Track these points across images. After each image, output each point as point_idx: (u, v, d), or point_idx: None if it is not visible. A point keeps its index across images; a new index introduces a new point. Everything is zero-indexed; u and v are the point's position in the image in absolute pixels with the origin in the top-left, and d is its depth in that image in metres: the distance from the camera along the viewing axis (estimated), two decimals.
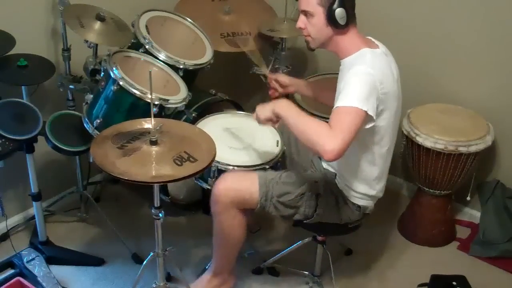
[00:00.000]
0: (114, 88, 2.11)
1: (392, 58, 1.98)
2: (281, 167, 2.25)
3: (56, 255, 2.48)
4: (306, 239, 2.37)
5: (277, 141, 2.27)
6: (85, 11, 2.34)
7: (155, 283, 2.10)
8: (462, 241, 2.72)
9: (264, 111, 1.94)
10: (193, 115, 2.41)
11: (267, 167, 2.15)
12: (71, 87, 2.44)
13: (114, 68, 2.11)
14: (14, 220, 2.65)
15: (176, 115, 2.33)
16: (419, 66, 2.76)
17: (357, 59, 1.86)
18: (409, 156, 2.63)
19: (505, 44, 2.52)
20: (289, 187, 2.03)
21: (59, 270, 2.39)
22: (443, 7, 2.65)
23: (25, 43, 2.30)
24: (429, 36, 2.73)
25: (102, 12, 2.33)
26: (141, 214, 2.84)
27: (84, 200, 2.75)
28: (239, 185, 2.02)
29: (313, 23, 1.88)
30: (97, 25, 2.31)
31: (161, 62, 2.35)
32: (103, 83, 2.18)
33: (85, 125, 2.22)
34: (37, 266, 2.29)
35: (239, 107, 2.70)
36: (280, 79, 2.32)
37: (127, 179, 1.63)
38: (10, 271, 2.29)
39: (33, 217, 2.52)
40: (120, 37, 2.37)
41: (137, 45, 2.38)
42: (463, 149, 2.42)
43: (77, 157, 2.59)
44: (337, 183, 2.07)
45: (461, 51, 2.66)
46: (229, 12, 2.91)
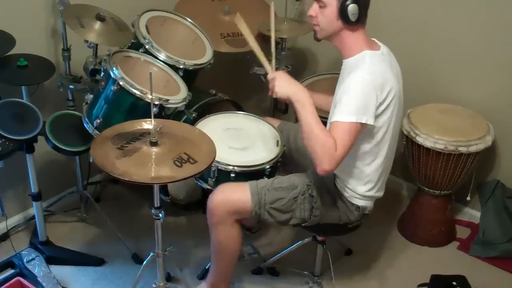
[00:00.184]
0: (114, 88, 2.11)
1: (393, 58, 1.98)
2: (281, 167, 2.25)
3: (56, 255, 2.47)
4: (306, 239, 2.37)
5: (277, 141, 2.27)
6: (85, 11, 2.34)
7: (155, 283, 2.10)
8: (462, 241, 2.72)
9: (282, 91, 1.92)
10: (193, 115, 2.40)
11: (267, 167, 2.15)
12: (71, 87, 2.44)
13: (114, 68, 2.11)
14: (14, 220, 2.65)
15: (176, 115, 2.33)
16: (419, 66, 2.76)
17: (358, 61, 1.87)
18: (409, 156, 2.63)
19: (505, 44, 2.52)
20: (281, 192, 2.04)
21: (59, 270, 2.39)
22: (443, 8, 2.65)
23: (25, 43, 2.30)
24: (429, 36, 2.73)
25: (102, 12, 2.33)
26: (141, 214, 2.84)
27: (84, 200, 2.75)
28: (232, 195, 2.04)
29: (324, 14, 1.88)
30: (97, 25, 2.31)
31: (161, 62, 2.35)
32: (103, 83, 2.18)
33: (85, 125, 2.22)
34: (37, 266, 2.29)
35: (239, 107, 2.70)
36: None
37: (127, 179, 1.64)
38: (10, 271, 2.29)
39: (33, 217, 2.52)
40: (120, 37, 2.37)
41: (137, 45, 2.38)
42: (463, 149, 2.42)
43: (77, 157, 2.59)
44: (336, 183, 2.06)
45: (461, 51, 2.66)
46: (229, 12, 2.90)
